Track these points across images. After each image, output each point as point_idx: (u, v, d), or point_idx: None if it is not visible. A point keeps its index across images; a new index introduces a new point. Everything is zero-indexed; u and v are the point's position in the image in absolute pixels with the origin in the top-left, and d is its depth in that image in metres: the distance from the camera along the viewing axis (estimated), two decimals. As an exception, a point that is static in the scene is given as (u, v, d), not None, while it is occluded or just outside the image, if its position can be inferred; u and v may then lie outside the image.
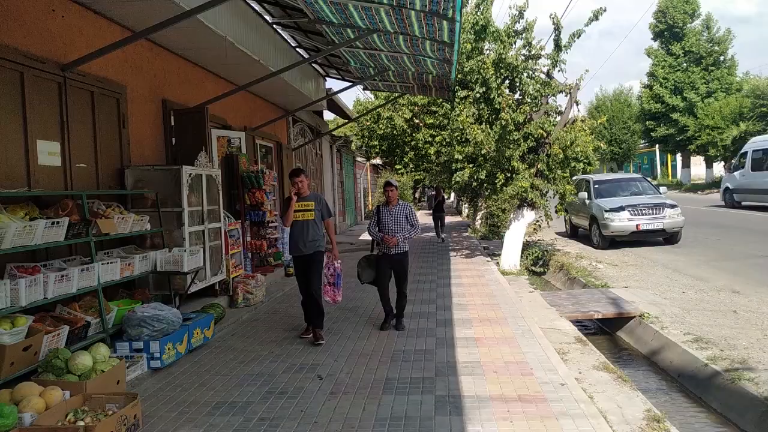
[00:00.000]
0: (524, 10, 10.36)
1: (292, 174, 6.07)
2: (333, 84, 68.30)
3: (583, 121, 10.57)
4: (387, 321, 6.45)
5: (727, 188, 20.67)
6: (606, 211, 12.89)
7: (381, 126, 16.13)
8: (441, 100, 13.67)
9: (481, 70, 10.01)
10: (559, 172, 10.31)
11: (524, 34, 10.44)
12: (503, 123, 9.72)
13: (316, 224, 6.02)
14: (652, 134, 37.74)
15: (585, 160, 10.22)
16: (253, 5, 8.27)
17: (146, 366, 5.09)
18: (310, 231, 5.96)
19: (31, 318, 4.26)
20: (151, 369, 5.11)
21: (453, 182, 13.18)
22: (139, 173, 6.40)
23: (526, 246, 11.87)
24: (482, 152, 10.59)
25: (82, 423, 3.45)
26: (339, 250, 6.63)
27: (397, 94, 14.18)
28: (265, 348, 5.85)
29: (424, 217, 26.51)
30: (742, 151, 20.32)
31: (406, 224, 6.34)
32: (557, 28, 10.18)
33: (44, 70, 5.02)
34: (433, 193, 16.96)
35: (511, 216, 11.17)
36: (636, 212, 12.67)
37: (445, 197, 18.28)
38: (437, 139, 14.61)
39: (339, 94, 13.53)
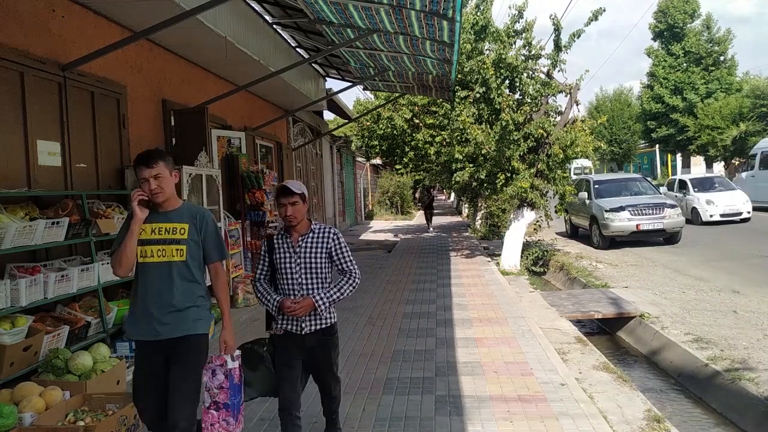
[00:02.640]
0: (524, 10, 10.37)
1: (139, 162, 2.97)
2: (333, 84, 68.34)
3: (583, 121, 10.57)
4: None
5: None
6: (606, 211, 12.90)
7: (381, 126, 16.13)
8: (441, 100, 13.67)
9: (481, 71, 10.01)
10: (559, 172, 10.31)
11: (524, 34, 10.44)
12: (503, 123, 9.72)
13: (191, 272, 3.03)
14: (652, 134, 37.76)
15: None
16: (253, 5, 8.27)
17: (146, 366, 5.08)
18: (174, 287, 2.97)
19: (31, 318, 4.26)
20: (151, 369, 5.10)
21: (453, 182, 13.18)
22: (139, 173, 6.39)
23: (526, 246, 11.86)
24: (482, 152, 10.59)
25: (82, 423, 3.45)
26: None
27: (397, 94, 14.17)
28: (265, 348, 5.84)
29: (420, 218, 26.50)
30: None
31: (329, 270, 3.29)
32: (557, 28, 10.18)
33: (44, 70, 5.02)
34: (427, 192, 20.62)
35: (511, 216, 11.17)
36: (636, 212, 12.68)
37: (434, 195, 21.99)
38: (437, 139, 14.60)
39: (339, 95, 13.54)
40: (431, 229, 19.79)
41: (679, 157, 39.42)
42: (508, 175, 10.53)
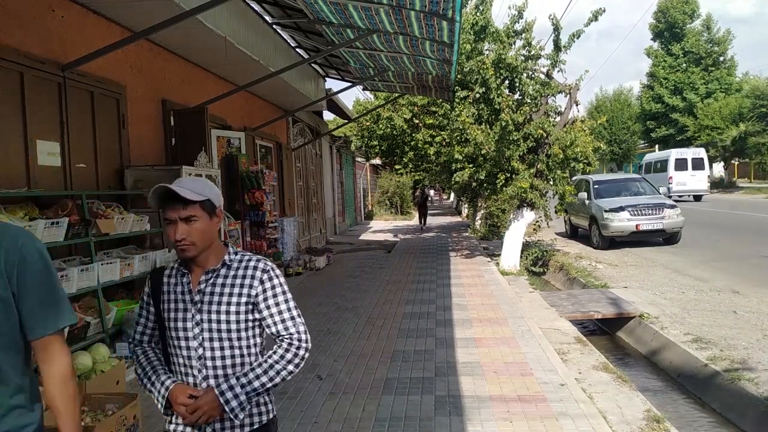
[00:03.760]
0: (523, 11, 10.37)
1: None
2: (333, 84, 68.36)
3: (582, 121, 10.58)
4: None
5: None
6: (606, 211, 12.89)
7: (380, 126, 16.13)
8: (441, 100, 13.67)
9: (481, 71, 10.01)
10: (558, 172, 10.31)
11: (524, 35, 10.45)
12: (503, 123, 9.73)
13: None
14: (652, 134, 37.82)
15: (585, 161, 10.22)
16: (252, 5, 8.27)
17: (146, 366, 5.07)
18: None
19: (30, 318, 4.23)
20: (150, 369, 5.10)
21: (453, 182, 13.18)
22: (139, 173, 6.40)
23: (526, 246, 11.87)
24: (482, 152, 10.60)
25: (81, 423, 3.45)
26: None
27: (396, 95, 14.18)
28: (264, 348, 5.84)
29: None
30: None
31: (255, 334, 1.85)
32: (557, 29, 10.18)
33: (44, 70, 5.02)
34: (421, 192, 21.87)
35: (511, 216, 11.17)
36: (636, 212, 12.68)
37: (428, 195, 23.71)
38: (437, 139, 14.61)
39: (339, 95, 13.53)
40: (424, 227, 20.40)
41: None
42: (508, 175, 10.54)
